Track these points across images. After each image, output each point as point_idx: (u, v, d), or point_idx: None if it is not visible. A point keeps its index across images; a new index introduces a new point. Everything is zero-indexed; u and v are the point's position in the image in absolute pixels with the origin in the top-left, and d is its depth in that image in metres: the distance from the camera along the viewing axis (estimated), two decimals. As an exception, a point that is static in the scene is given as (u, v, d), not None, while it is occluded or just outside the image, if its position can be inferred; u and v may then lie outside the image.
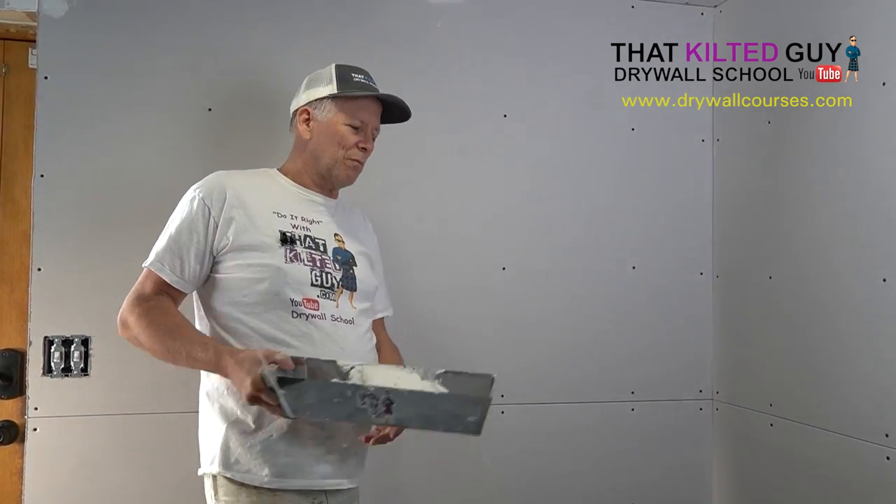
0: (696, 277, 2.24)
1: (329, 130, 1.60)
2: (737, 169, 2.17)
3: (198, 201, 1.52)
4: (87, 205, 1.87)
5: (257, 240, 1.51)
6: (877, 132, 1.70)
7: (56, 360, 1.83)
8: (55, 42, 1.87)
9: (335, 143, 1.60)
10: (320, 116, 1.60)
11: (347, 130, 1.60)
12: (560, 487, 2.13)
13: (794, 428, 1.91)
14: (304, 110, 1.62)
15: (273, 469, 1.45)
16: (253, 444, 1.46)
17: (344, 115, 1.60)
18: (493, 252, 2.11)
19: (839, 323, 1.78)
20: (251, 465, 1.45)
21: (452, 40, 2.11)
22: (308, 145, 1.62)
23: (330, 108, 1.60)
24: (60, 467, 1.83)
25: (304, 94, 1.64)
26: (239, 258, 1.50)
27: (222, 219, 1.51)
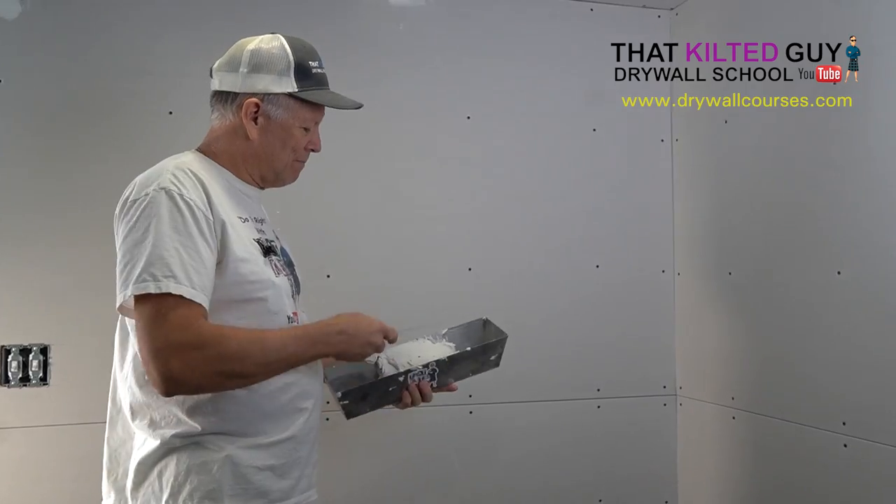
0: (659, 275, 2.28)
1: (283, 133, 1.39)
2: (695, 168, 2.21)
3: (186, 201, 1.24)
4: (44, 210, 1.83)
5: (246, 252, 1.31)
6: (826, 127, 1.75)
7: (14, 369, 1.79)
8: (8, 45, 1.84)
9: (288, 147, 1.41)
10: (274, 115, 1.37)
11: (301, 132, 1.41)
12: (528, 485, 2.14)
13: (755, 420, 1.95)
14: (254, 103, 1.36)
15: (276, 492, 1.31)
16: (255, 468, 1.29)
17: (300, 118, 1.40)
18: (459, 253, 2.12)
19: (797, 316, 1.83)
20: (256, 489, 1.28)
21: (415, 42, 2.12)
22: (253, 143, 1.38)
23: (287, 107, 1.38)
24: (22, 480, 1.79)
25: (250, 77, 1.37)
26: (230, 271, 1.28)
27: (215, 224, 1.28)
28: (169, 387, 1.20)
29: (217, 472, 1.25)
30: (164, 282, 1.18)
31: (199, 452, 1.26)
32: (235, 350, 1.23)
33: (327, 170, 1.77)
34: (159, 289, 1.18)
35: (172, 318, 1.18)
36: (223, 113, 1.41)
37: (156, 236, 1.21)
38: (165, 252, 1.20)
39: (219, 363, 1.21)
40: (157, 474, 1.26)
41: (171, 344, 1.18)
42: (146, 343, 1.19)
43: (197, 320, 1.20)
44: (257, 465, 1.29)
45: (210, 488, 1.25)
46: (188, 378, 1.19)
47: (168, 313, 1.18)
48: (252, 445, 1.29)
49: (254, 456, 1.29)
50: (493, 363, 1.59)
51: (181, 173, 1.29)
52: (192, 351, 1.19)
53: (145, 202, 1.24)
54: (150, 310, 1.19)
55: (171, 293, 1.18)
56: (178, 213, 1.24)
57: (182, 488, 1.24)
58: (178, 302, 1.19)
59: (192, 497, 1.24)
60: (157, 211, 1.23)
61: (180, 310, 1.19)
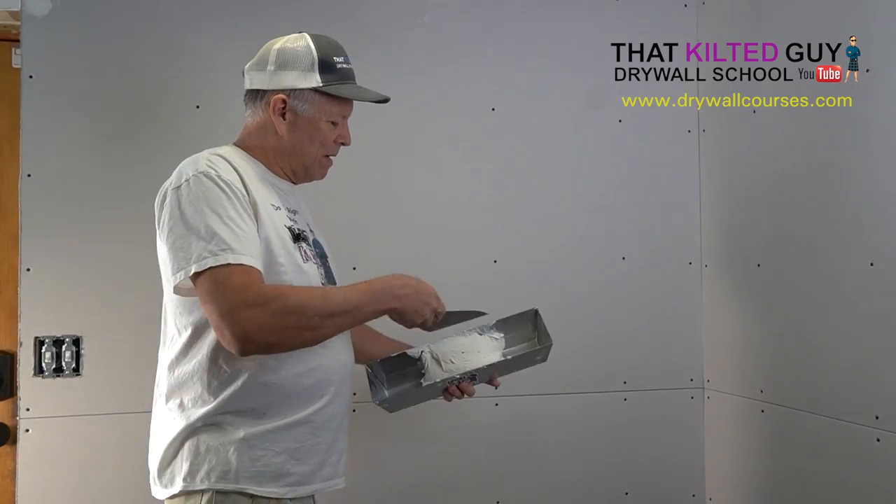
0: (686, 267, 2.25)
1: (311, 128, 1.44)
2: (722, 158, 2.19)
3: (223, 183, 1.31)
4: (76, 204, 1.87)
5: (276, 235, 1.36)
6: (863, 118, 1.72)
7: (47, 360, 1.82)
8: (39, 41, 1.86)
9: (316, 142, 1.46)
10: (300, 110, 1.43)
11: (328, 127, 1.46)
12: (554, 478, 2.14)
13: (785, 413, 1.93)
14: (281, 99, 1.42)
15: (295, 475, 1.35)
16: (274, 449, 1.34)
17: (327, 112, 1.45)
18: (485, 245, 2.12)
19: (828, 308, 1.80)
20: (273, 472, 1.33)
21: (440, 34, 2.11)
22: (282, 138, 1.45)
23: (313, 102, 1.43)
24: (54, 468, 1.82)
25: (276, 75, 1.42)
26: (265, 255, 1.33)
27: (251, 202, 1.34)
28: (243, 345, 1.26)
29: (232, 454, 1.31)
30: (222, 255, 1.25)
31: (218, 434, 1.32)
32: (296, 303, 1.28)
33: (353, 163, 1.78)
34: (218, 262, 1.25)
35: (232, 283, 1.25)
36: (254, 110, 1.47)
37: (204, 215, 1.28)
38: (217, 228, 1.27)
39: (283, 317, 1.27)
40: (180, 454, 1.33)
41: (235, 305, 1.24)
42: (213, 310, 1.26)
43: (255, 281, 1.27)
44: (275, 448, 1.34)
45: (226, 469, 1.31)
46: (257, 335, 1.25)
47: (226, 280, 1.25)
48: (269, 428, 1.34)
49: (270, 439, 1.34)
50: (540, 361, 1.62)
51: (216, 158, 1.37)
52: (256, 308, 1.25)
53: (187, 187, 1.31)
54: (209, 281, 1.26)
55: (230, 263, 1.25)
56: (220, 191, 1.31)
57: (200, 468, 1.31)
58: (234, 269, 1.25)
59: (210, 476, 1.31)
60: (200, 193, 1.30)
61: (237, 275, 1.26)
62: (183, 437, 1.33)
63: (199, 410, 1.33)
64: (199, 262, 1.26)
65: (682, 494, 2.22)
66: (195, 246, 1.27)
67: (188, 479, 1.31)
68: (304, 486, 1.37)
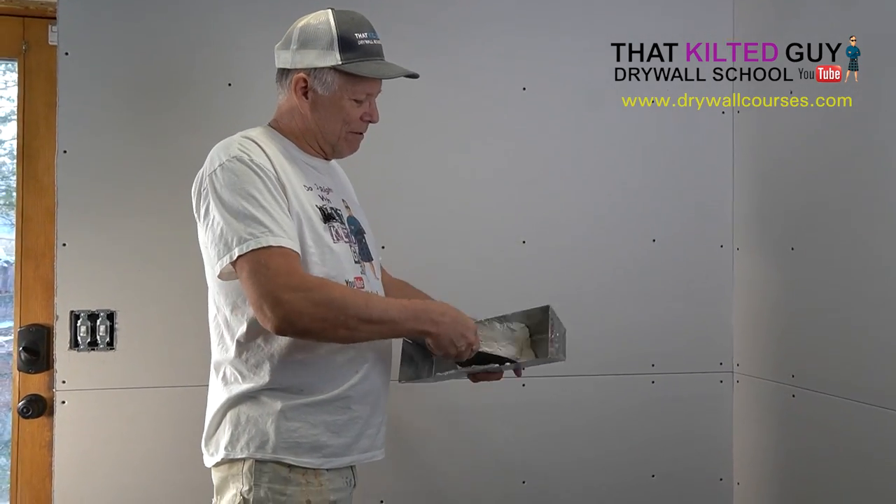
0: (717, 250, 2.23)
1: (333, 107, 1.43)
2: (756, 140, 2.15)
3: (256, 167, 1.34)
4: (111, 180, 1.89)
5: (305, 217, 1.38)
6: None
7: (82, 334, 1.85)
8: (75, 18, 1.87)
9: (339, 120, 1.45)
10: (321, 90, 1.42)
11: (352, 105, 1.44)
12: (580, 459, 2.14)
13: (816, 398, 1.91)
14: (301, 78, 1.42)
15: (331, 447, 1.39)
16: (315, 420, 1.38)
17: (349, 90, 1.43)
18: (514, 226, 2.11)
19: (862, 292, 1.77)
20: (309, 443, 1.37)
21: (470, 13, 2.09)
22: (306, 117, 1.45)
23: (333, 81, 1.41)
24: (89, 439, 1.86)
25: (298, 53, 1.42)
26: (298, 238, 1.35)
27: (283, 186, 1.36)
28: (281, 326, 1.27)
29: (270, 425, 1.36)
30: (263, 237, 1.28)
31: (256, 406, 1.37)
32: (339, 298, 1.30)
33: (381, 142, 1.78)
34: (259, 244, 1.27)
35: (275, 266, 1.27)
36: (282, 90, 1.49)
37: (242, 200, 1.30)
38: (255, 212, 1.30)
39: (324, 308, 1.28)
40: (222, 425, 1.39)
41: (278, 286, 1.26)
42: (254, 290, 1.28)
43: (298, 268, 1.30)
44: (310, 420, 1.38)
45: (264, 439, 1.35)
46: (297, 319, 1.27)
47: (269, 262, 1.27)
48: (306, 402, 1.38)
49: (306, 412, 1.38)
50: (559, 359, 1.55)
51: (247, 142, 1.39)
52: (299, 293, 1.27)
53: (222, 172, 1.34)
54: (251, 264, 1.28)
55: (271, 245, 1.27)
56: (255, 175, 1.33)
57: (240, 438, 1.36)
58: (275, 252, 1.28)
59: (249, 446, 1.36)
60: (235, 178, 1.33)
61: (279, 258, 1.28)
62: (225, 409, 1.39)
63: (239, 385, 1.38)
64: (240, 245, 1.28)
65: (709, 478, 2.21)
66: (236, 231, 1.29)
67: (229, 448, 1.37)
68: (341, 458, 1.40)
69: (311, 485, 1.36)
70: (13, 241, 2.03)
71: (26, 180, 2.00)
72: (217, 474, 1.41)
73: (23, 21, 2.01)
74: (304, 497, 1.35)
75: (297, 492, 1.35)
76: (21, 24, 2.01)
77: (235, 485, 1.36)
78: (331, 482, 1.39)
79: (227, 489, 1.38)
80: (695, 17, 2.19)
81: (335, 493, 1.40)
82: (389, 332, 1.40)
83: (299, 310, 1.27)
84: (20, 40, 2.01)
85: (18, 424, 1.98)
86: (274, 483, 1.35)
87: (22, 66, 2.01)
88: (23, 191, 2.00)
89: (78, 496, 1.85)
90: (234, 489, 1.36)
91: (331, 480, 1.39)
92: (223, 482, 1.39)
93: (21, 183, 2.00)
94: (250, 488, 1.34)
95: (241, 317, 1.38)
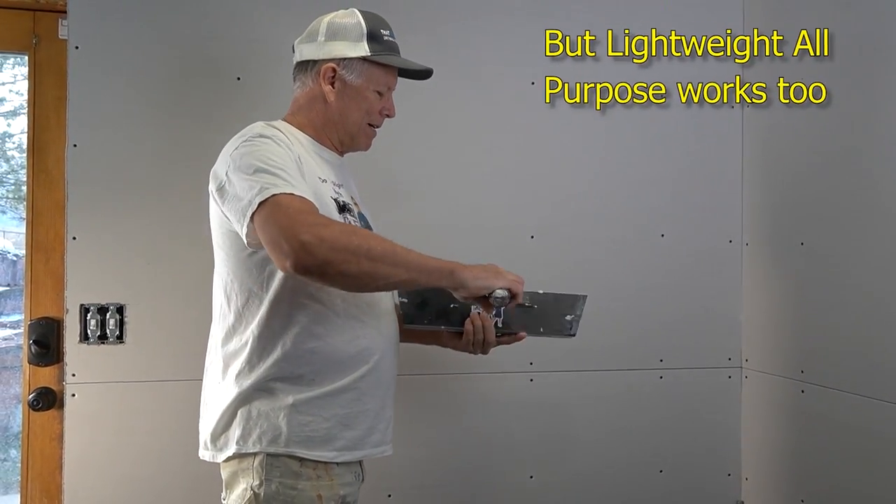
0: (726, 245, 2.22)
1: (358, 96, 1.49)
2: (766, 134, 2.14)
3: (278, 141, 1.37)
4: (121, 174, 1.89)
5: (322, 203, 1.38)
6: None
7: (92, 327, 1.86)
8: (85, 12, 1.88)
9: (362, 110, 1.51)
10: (349, 79, 1.48)
11: (375, 97, 1.52)
12: (588, 455, 2.14)
13: (827, 394, 1.90)
14: (331, 68, 1.48)
15: (344, 440, 1.39)
16: (328, 414, 1.38)
17: (374, 81, 1.50)
18: (522, 220, 2.11)
19: (874, 287, 1.76)
20: (322, 436, 1.37)
21: (479, 5, 2.09)
22: (331, 106, 1.50)
23: (361, 71, 1.48)
24: (99, 432, 1.87)
25: (327, 45, 1.48)
26: None
27: (302, 171, 1.37)
28: (298, 256, 1.21)
29: (282, 419, 1.35)
30: (282, 185, 1.26)
31: (268, 400, 1.37)
32: (361, 231, 1.35)
33: (390, 138, 1.78)
34: (279, 190, 1.25)
35: (296, 205, 1.25)
36: (304, 81, 1.52)
37: (262, 161, 1.30)
38: (276, 170, 1.29)
39: (348, 236, 1.25)
40: (233, 420, 1.38)
41: (299, 221, 1.23)
42: (273, 227, 1.24)
43: (317, 210, 1.29)
44: (323, 414, 1.38)
45: (276, 433, 1.35)
46: (318, 246, 1.21)
47: (289, 204, 1.25)
48: (317, 395, 1.37)
49: (318, 405, 1.37)
50: (568, 327, 1.54)
51: (270, 128, 1.42)
52: (321, 227, 1.24)
53: (245, 146, 1.35)
54: (270, 207, 1.25)
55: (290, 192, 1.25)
56: (279, 147, 1.35)
57: (252, 432, 1.36)
58: (295, 198, 1.26)
59: (261, 440, 1.36)
60: (258, 148, 1.33)
61: (297, 202, 1.26)
62: (236, 405, 1.38)
63: (249, 377, 1.38)
64: (260, 194, 1.25)
65: (717, 473, 2.21)
66: (255, 185, 1.27)
67: (241, 442, 1.37)
68: (353, 452, 1.41)
69: (322, 479, 1.37)
70: (23, 235, 2.03)
71: (36, 174, 2.01)
72: (227, 469, 1.41)
73: (33, 15, 2.01)
74: (314, 491, 1.36)
75: (308, 486, 1.35)
76: (31, 17, 2.01)
77: (246, 479, 1.36)
78: (341, 476, 1.40)
79: (238, 484, 1.38)
80: (705, 8, 2.18)
81: (345, 487, 1.40)
82: (415, 273, 1.31)
83: (321, 236, 1.21)
84: (30, 34, 2.01)
85: (29, 417, 1.99)
86: (285, 477, 1.35)
87: (32, 60, 2.01)
88: (33, 184, 2.00)
89: (88, 489, 1.86)
90: (244, 483, 1.36)
91: (341, 475, 1.40)
92: (233, 476, 1.39)
93: (31, 177, 2.01)
94: (261, 482, 1.34)
95: (253, 307, 1.38)
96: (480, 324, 1.54)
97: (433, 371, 2.00)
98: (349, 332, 1.40)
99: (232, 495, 1.38)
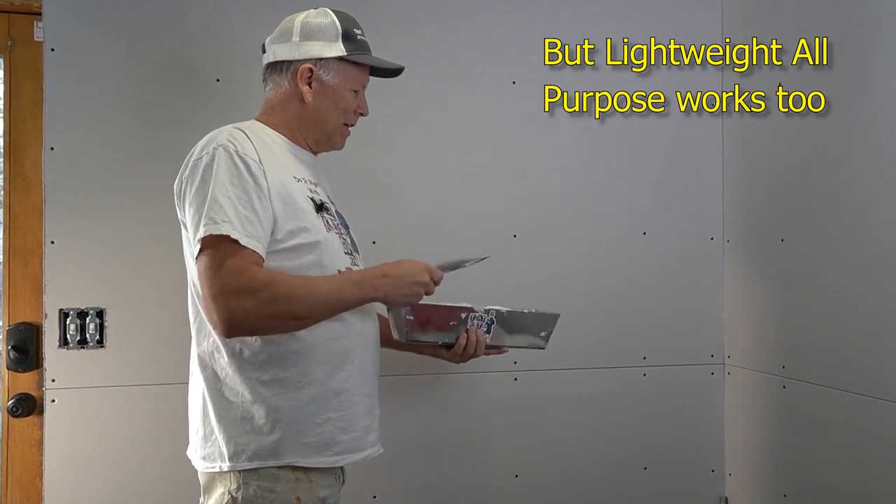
0: (707, 242, 2.23)
1: (335, 96, 1.50)
2: (747, 132, 2.15)
3: (241, 158, 1.34)
4: (99, 176, 1.87)
5: (299, 206, 1.39)
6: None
7: (72, 332, 1.84)
8: (60, 14, 1.85)
9: (339, 109, 1.51)
10: (326, 79, 1.49)
11: (351, 96, 1.52)
12: (572, 453, 2.14)
13: (808, 389, 1.92)
14: (308, 68, 1.48)
15: (342, 443, 1.39)
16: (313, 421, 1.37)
17: (351, 81, 1.51)
18: (504, 220, 2.11)
19: (853, 283, 1.78)
20: (319, 443, 1.37)
21: (459, 5, 2.08)
22: (308, 107, 1.49)
23: (338, 71, 1.49)
24: (79, 438, 1.85)
25: (302, 45, 1.48)
26: (284, 228, 1.36)
27: (268, 180, 1.35)
28: (228, 329, 1.29)
29: (276, 430, 1.33)
30: (223, 225, 1.27)
31: (258, 407, 1.34)
32: (285, 293, 1.31)
33: (370, 137, 1.77)
34: (219, 231, 1.27)
35: (228, 266, 1.27)
36: (278, 82, 1.52)
37: (215, 186, 1.30)
38: (223, 199, 1.29)
39: (271, 305, 1.29)
40: (219, 431, 1.35)
41: (227, 289, 1.27)
42: (206, 289, 1.29)
43: (250, 267, 1.29)
44: (317, 420, 1.36)
45: (269, 444, 1.33)
46: (244, 321, 1.28)
47: (224, 261, 1.27)
48: (309, 396, 1.36)
49: (311, 411, 1.36)
50: (543, 340, 1.68)
51: (237, 132, 1.40)
52: (247, 296, 1.27)
53: (205, 160, 1.35)
54: (208, 258, 1.29)
55: (229, 236, 1.27)
56: (235, 168, 1.33)
57: (244, 448, 1.33)
58: (233, 249, 1.27)
59: (258, 455, 1.33)
60: (216, 166, 1.33)
61: (235, 258, 1.27)
62: (219, 413, 1.36)
63: (235, 383, 1.35)
64: (203, 227, 1.29)
65: (701, 470, 2.22)
66: (203, 213, 1.30)
67: (234, 459, 1.34)
68: (355, 454, 1.41)
69: (301, 481, 1.35)
70: (0, 239, 2.01)
71: (13, 177, 1.98)
72: (204, 475, 1.39)
73: (8, 17, 1.99)
74: (293, 494, 1.34)
75: (286, 489, 1.34)
76: (6, 20, 1.99)
77: (224, 483, 1.34)
78: (321, 478, 1.38)
79: (215, 488, 1.36)
80: (684, 14, 2.19)
81: (324, 489, 1.39)
82: (339, 309, 1.38)
83: (246, 311, 1.27)
84: (5, 36, 1.99)
85: (8, 423, 1.97)
86: (263, 480, 1.33)
87: (7, 63, 1.99)
88: (10, 188, 1.98)
89: (69, 495, 1.84)
90: (221, 488, 1.35)
91: (321, 477, 1.38)
92: (210, 481, 1.38)
93: (8, 180, 1.98)
94: (239, 486, 1.32)
95: None
96: (475, 339, 1.56)
97: (417, 371, 1.99)
98: (333, 330, 1.39)
99: (210, 500, 1.37)
